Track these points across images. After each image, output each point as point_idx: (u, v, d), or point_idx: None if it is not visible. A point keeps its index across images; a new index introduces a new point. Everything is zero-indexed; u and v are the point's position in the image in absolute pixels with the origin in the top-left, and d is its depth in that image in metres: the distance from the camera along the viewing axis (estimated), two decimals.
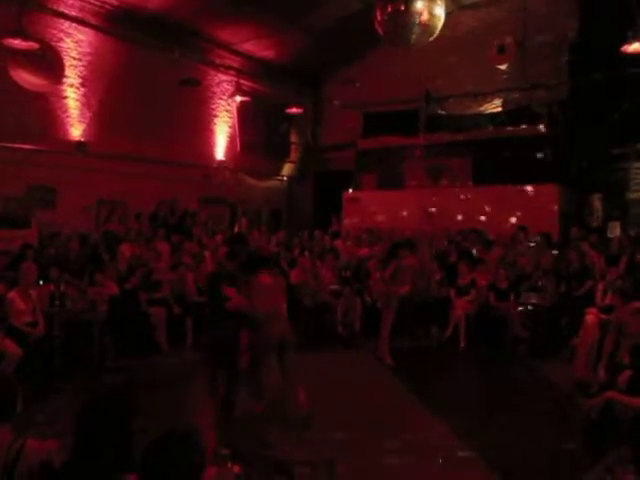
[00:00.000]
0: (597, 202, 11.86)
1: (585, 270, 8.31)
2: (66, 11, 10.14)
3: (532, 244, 9.71)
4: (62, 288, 7.31)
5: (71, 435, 2.15)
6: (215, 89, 13.55)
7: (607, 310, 6.43)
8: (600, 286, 7.38)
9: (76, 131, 10.52)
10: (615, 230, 10.87)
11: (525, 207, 11.24)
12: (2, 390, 2.52)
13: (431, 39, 6.73)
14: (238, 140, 14.10)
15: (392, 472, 4.36)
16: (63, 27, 10.20)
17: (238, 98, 13.03)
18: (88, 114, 10.70)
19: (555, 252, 9.27)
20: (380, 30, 6.78)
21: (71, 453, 2.15)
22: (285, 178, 16.06)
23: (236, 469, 2.39)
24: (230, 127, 13.97)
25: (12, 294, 6.57)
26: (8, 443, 2.35)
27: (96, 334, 7.26)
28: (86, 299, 7.49)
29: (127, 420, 2.19)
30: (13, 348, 6.09)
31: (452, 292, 8.83)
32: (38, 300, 6.80)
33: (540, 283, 8.53)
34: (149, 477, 2.04)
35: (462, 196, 12.17)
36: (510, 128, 12.30)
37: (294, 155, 16.12)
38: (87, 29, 10.56)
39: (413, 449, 4.72)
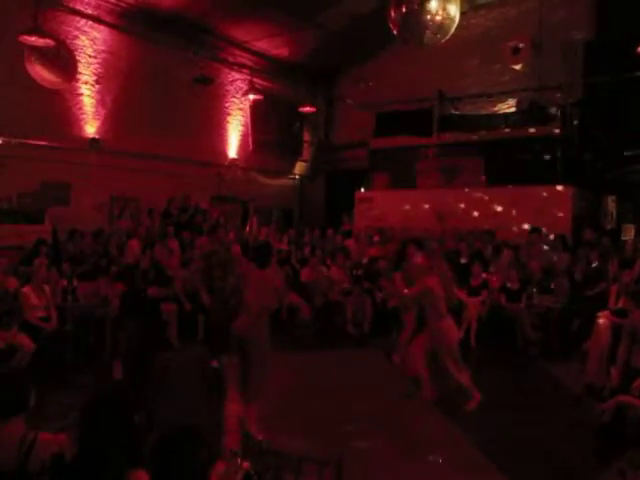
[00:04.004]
0: (611, 204, 11.75)
1: (600, 272, 8.24)
2: (82, 9, 10.23)
3: (546, 247, 9.62)
4: (75, 283, 7.38)
5: (78, 430, 2.17)
6: (228, 87, 13.59)
7: (620, 313, 6.36)
8: (613, 289, 7.32)
9: (90, 128, 10.60)
10: (629, 233, 10.77)
11: (538, 208, 11.15)
12: (15, 384, 2.55)
13: (445, 39, 6.69)
14: (251, 138, 14.13)
15: (400, 472, 4.35)
16: (79, 25, 10.29)
17: (251, 96, 13.05)
18: (102, 111, 10.78)
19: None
20: (394, 29, 6.76)
21: (78, 448, 2.17)
22: (297, 177, 16.07)
23: (245, 465, 2.40)
24: (243, 125, 14.01)
25: (26, 289, 6.66)
26: (21, 435, 2.38)
27: (108, 329, 7.32)
28: (98, 295, 7.55)
29: (130, 415, 2.21)
30: (26, 342, 6.17)
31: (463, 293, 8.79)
32: (51, 295, 6.88)
33: (553, 285, 8.47)
34: (158, 472, 2.06)
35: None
36: (524, 129, 12.21)
37: (306, 154, 16.13)
38: (102, 27, 10.64)
39: (421, 449, 4.71)
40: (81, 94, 10.46)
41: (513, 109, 13.09)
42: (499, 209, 11.69)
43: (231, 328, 4.99)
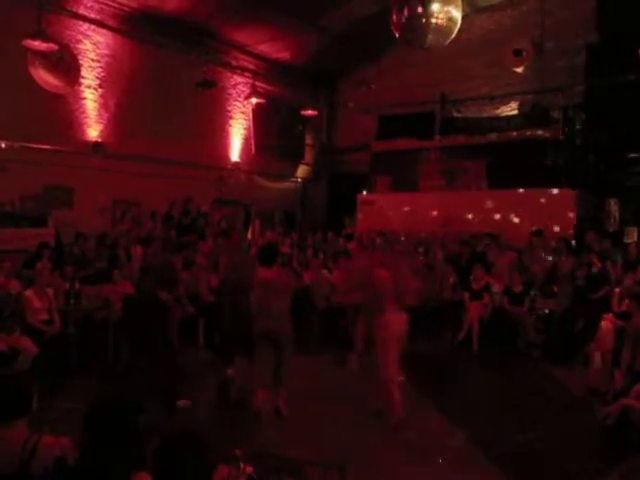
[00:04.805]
0: (614, 207, 11.72)
1: (604, 274, 8.22)
2: (85, 13, 10.26)
3: (548, 256, 9.57)
4: (77, 286, 7.38)
5: (80, 434, 2.17)
6: (231, 91, 13.62)
7: (623, 316, 6.36)
8: (616, 292, 7.30)
9: (93, 132, 10.63)
10: (632, 235, 10.75)
11: (540, 211, 11.13)
12: (18, 387, 2.55)
13: (447, 42, 6.70)
14: (253, 142, 14.15)
15: (402, 473, 4.35)
16: (82, 29, 10.32)
17: (253, 100, 13.07)
18: (105, 115, 10.80)
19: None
20: (396, 32, 6.77)
21: (81, 452, 2.17)
22: (299, 180, 16.08)
23: (248, 469, 2.40)
24: (245, 129, 14.02)
25: (29, 292, 6.66)
26: (24, 439, 2.38)
27: (111, 332, 7.32)
28: (101, 298, 7.55)
29: (134, 419, 2.20)
30: (29, 346, 6.16)
31: (465, 296, 8.77)
32: (54, 298, 6.88)
33: (555, 288, 8.45)
34: (161, 475, 2.06)
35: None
36: (526, 131, 12.20)
37: (309, 157, 16.14)
38: (105, 31, 10.67)
39: (424, 453, 4.70)
40: (84, 98, 10.48)
41: (515, 112, 13.07)
42: (502, 212, 11.67)
43: (254, 327, 5.38)
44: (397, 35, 6.82)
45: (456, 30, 6.56)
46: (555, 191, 11.18)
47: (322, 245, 11.45)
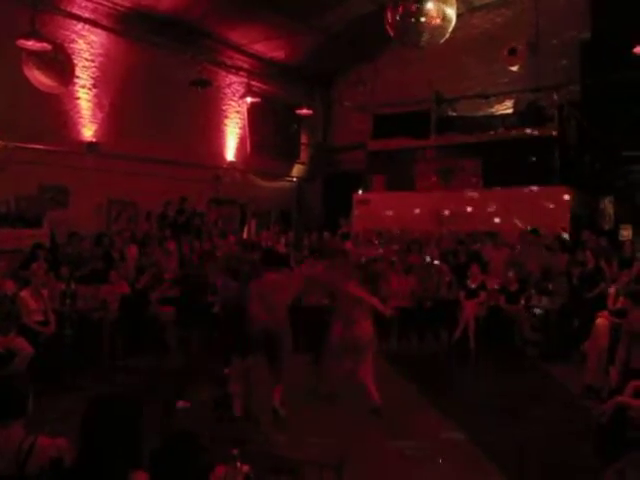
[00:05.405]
0: (609, 205, 11.77)
1: (599, 272, 8.24)
2: (79, 13, 10.23)
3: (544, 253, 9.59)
4: (73, 287, 7.36)
5: (78, 435, 2.16)
6: (226, 90, 13.60)
7: (618, 313, 6.37)
8: (612, 289, 7.32)
9: (88, 131, 10.60)
10: (627, 233, 10.79)
11: (536, 209, 11.16)
12: (14, 388, 2.54)
13: (442, 41, 6.70)
14: (248, 141, 14.14)
15: (400, 474, 4.35)
16: (76, 28, 10.29)
17: (249, 99, 13.07)
18: (100, 115, 10.77)
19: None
20: (391, 31, 6.76)
21: (78, 453, 2.17)
22: (295, 179, 16.08)
23: (245, 468, 2.40)
24: (240, 128, 14.01)
25: (24, 293, 6.64)
26: (20, 440, 2.37)
27: (107, 333, 7.30)
28: (97, 298, 7.53)
29: (133, 420, 2.20)
30: (25, 346, 6.14)
31: (462, 294, 8.78)
32: (49, 299, 6.86)
33: (551, 286, 8.47)
34: (159, 475, 2.06)
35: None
36: (521, 130, 12.23)
37: (304, 156, 16.14)
38: (100, 30, 10.65)
39: (422, 451, 4.71)
40: (78, 98, 10.45)
41: (510, 110, 13.12)
42: (497, 210, 11.70)
43: (253, 325, 5.44)
44: (391, 34, 6.82)
45: (451, 29, 6.56)
46: (550, 189, 11.21)
47: (318, 244, 11.44)
